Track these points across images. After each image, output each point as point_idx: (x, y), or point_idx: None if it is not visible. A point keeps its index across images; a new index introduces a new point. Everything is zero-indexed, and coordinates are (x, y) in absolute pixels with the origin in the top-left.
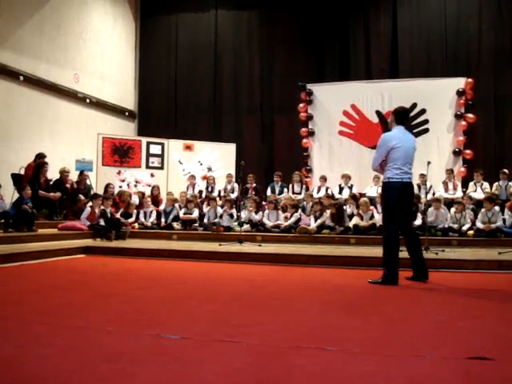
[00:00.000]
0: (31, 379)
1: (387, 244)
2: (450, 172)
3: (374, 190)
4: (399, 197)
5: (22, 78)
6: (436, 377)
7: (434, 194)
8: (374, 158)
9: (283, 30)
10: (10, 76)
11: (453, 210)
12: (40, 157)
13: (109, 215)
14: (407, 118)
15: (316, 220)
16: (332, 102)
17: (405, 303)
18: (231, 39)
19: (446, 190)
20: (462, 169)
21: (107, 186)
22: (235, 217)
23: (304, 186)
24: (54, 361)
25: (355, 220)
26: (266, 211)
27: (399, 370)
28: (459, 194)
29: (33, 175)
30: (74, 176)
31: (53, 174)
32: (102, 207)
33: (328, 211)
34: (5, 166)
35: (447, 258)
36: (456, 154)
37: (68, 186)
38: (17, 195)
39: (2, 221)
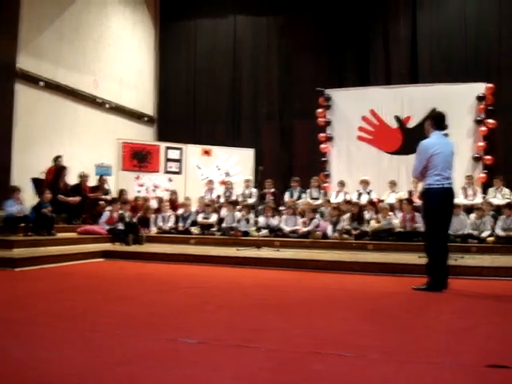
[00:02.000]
0: (42, 382)
1: (431, 251)
2: (469, 178)
3: (392, 197)
4: (441, 203)
5: (42, 83)
6: None
7: None
8: (414, 166)
9: (302, 35)
10: (31, 81)
11: (473, 216)
12: (56, 159)
13: (127, 219)
14: (444, 122)
15: (334, 225)
16: (351, 107)
17: (423, 310)
18: (250, 45)
19: (466, 195)
20: (482, 174)
21: (121, 193)
22: (252, 222)
23: (322, 192)
24: (70, 364)
25: (373, 224)
26: (284, 216)
27: (417, 376)
28: (479, 200)
29: (52, 180)
30: (93, 180)
31: (72, 179)
32: (121, 211)
33: (345, 216)
34: (25, 170)
35: (466, 265)
36: (476, 159)
37: (91, 195)
38: (37, 199)
39: (23, 224)
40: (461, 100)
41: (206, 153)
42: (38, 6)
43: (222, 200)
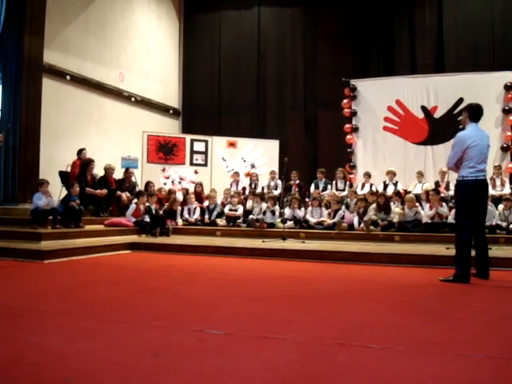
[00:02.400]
0: (79, 372)
1: (461, 243)
2: (497, 168)
3: (418, 188)
4: (473, 194)
5: (68, 77)
6: (482, 376)
7: None
8: (449, 157)
9: (326, 25)
10: (58, 75)
11: (501, 206)
12: (80, 152)
13: (153, 212)
14: (481, 114)
15: (360, 217)
16: (376, 97)
17: (450, 302)
18: (274, 36)
19: (494, 186)
20: (510, 165)
21: (147, 185)
22: (277, 213)
23: (348, 183)
24: (101, 354)
25: (398, 214)
26: (310, 208)
27: (444, 369)
28: (507, 190)
29: (80, 172)
30: (119, 173)
31: (99, 172)
32: (147, 204)
33: (371, 206)
34: (53, 163)
35: (494, 256)
36: (504, 149)
37: (118, 193)
38: (64, 192)
39: (51, 217)
40: (488, 89)
41: (232, 145)
42: (64, 1)
43: (247, 192)
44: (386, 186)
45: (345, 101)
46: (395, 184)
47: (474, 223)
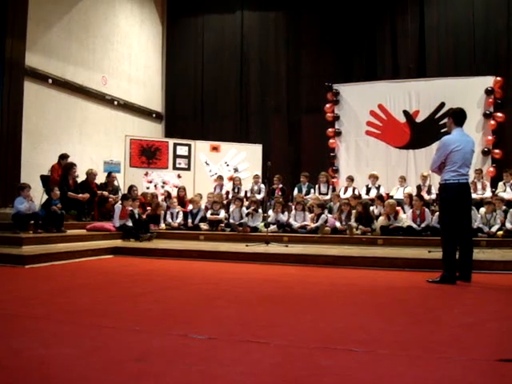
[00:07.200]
0: (61, 379)
1: (445, 245)
2: (479, 172)
3: (400, 192)
4: (456, 197)
5: (50, 80)
6: (465, 379)
7: None
8: (433, 160)
9: (310, 30)
10: (39, 79)
11: (483, 210)
12: (63, 157)
13: (136, 216)
14: (465, 118)
15: (341, 221)
16: (359, 101)
17: (433, 305)
18: (257, 40)
19: (475, 190)
20: (491, 168)
21: (130, 189)
22: (261, 217)
23: (331, 187)
24: (83, 360)
25: (382, 221)
26: (293, 212)
27: (427, 371)
28: (488, 194)
29: (61, 177)
30: (102, 177)
31: (81, 176)
32: (130, 208)
33: (354, 211)
34: (34, 167)
35: (476, 259)
36: (485, 153)
37: (100, 193)
38: (46, 196)
39: (32, 222)
40: (469, 94)
41: (215, 149)
42: (46, 4)
43: (230, 196)
44: (368, 190)
45: (327, 105)
46: (378, 188)
47: (457, 226)
